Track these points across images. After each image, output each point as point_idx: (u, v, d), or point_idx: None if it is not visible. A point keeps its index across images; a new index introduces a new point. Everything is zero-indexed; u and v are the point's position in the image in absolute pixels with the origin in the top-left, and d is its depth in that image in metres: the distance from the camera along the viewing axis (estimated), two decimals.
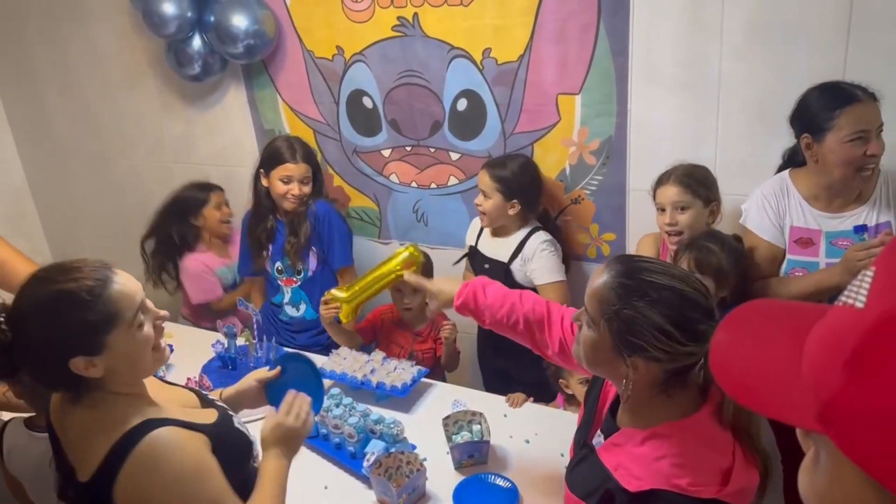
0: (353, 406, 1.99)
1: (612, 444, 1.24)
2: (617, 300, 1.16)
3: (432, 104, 2.67)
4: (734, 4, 2.09)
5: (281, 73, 2.93)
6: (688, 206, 2.07)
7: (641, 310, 1.13)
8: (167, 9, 2.74)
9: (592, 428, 1.37)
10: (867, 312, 0.46)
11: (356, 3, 2.63)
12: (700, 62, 2.19)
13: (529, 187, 2.41)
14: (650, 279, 1.15)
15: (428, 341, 2.51)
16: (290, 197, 2.50)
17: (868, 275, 0.48)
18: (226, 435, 1.33)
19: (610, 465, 1.19)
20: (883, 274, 0.48)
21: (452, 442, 1.85)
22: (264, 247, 2.63)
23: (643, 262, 1.20)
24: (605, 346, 1.19)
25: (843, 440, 0.45)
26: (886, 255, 0.49)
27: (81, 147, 3.63)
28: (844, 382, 0.45)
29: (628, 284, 1.16)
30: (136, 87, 3.31)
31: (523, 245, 2.42)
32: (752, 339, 0.58)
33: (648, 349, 1.13)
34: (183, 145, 3.32)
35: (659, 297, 1.13)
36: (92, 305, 1.16)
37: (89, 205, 3.75)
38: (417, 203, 2.90)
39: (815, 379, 0.48)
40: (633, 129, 2.37)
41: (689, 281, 1.17)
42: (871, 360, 0.44)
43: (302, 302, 2.68)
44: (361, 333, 2.53)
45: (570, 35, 2.34)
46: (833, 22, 1.99)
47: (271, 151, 2.55)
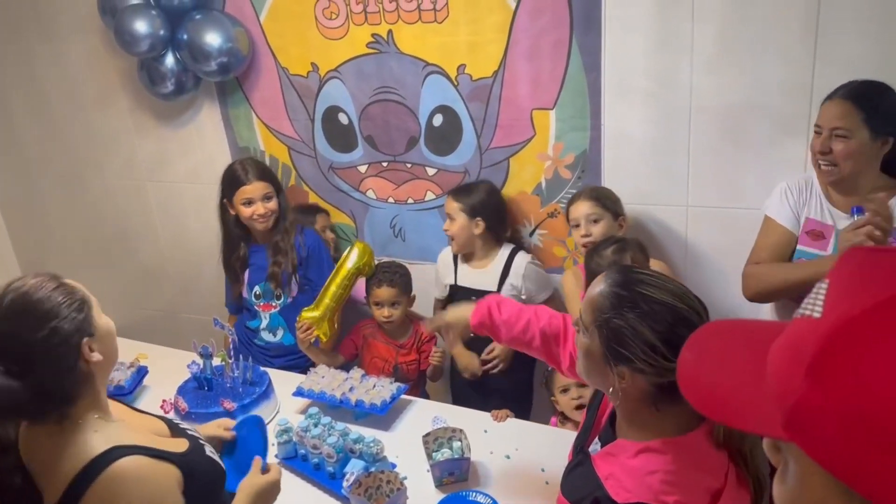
0: (331, 425, 1.97)
1: (607, 453, 1.24)
2: (609, 309, 1.17)
3: (408, 120, 2.68)
4: (703, 19, 2.13)
5: (255, 90, 2.92)
6: (599, 217, 2.24)
7: (631, 321, 1.15)
8: (139, 27, 2.72)
9: (591, 434, 1.38)
10: (824, 320, 0.48)
11: (330, 21, 2.64)
12: (671, 76, 2.22)
13: (492, 207, 2.48)
14: (644, 292, 1.16)
15: (412, 353, 2.51)
16: (258, 217, 2.47)
17: (823, 286, 0.50)
18: (197, 464, 1.31)
19: (602, 474, 1.20)
20: (836, 284, 0.50)
21: (433, 460, 1.84)
22: (240, 275, 2.60)
23: (642, 274, 1.21)
24: (596, 354, 1.20)
25: (810, 445, 0.47)
26: (839, 267, 0.51)
27: (52, 167, 3.58)
28: (807, 389, 0.46)
29: (622, 295, 1.17)
30: (108, 106, 3.27)
31: (509, 268, 2.45)
32: (716, 357, 0.60)
33: (634, 360, 1.14)
34: (156, 164, 3.28)
35: (650, 311, 1.14)
36: (64, 289, 1.15)
37: (61, 225, 3.69)
38: (395, 218, 2.90)
39: (780, 388, 0.49)
40: (607, 143, 2.40)
41: (684, 299, 1.17)
42: (830, 366, 0.45)
43: (280, 328, 2.64)
44: (342, 352, 2.52)
45: (543, 51, 2.36)
46: (800, 34, 2.03)
47: (227, 178, 2.53)
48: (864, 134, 1.78)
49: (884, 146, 1.81)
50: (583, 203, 2.27)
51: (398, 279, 2.49)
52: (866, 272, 0.49)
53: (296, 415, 2.17)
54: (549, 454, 1.89)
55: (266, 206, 2.48)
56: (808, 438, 0.47)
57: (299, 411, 2.20)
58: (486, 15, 2.39)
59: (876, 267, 0.49)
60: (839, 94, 1.83)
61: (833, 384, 0.45)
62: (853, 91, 1.81)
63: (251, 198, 2.46)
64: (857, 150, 1.79)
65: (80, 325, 1.16)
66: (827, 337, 0.46)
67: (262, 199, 2.46)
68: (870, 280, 0.48)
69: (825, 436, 0.45)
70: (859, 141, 1.79)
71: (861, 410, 0.43)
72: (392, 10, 2.51)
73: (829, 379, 0.45)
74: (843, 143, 1.80)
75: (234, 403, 2.10)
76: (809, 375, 0.46)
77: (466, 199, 2.45)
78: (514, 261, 2.46)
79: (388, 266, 2.57)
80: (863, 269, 0.50)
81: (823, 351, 0.46)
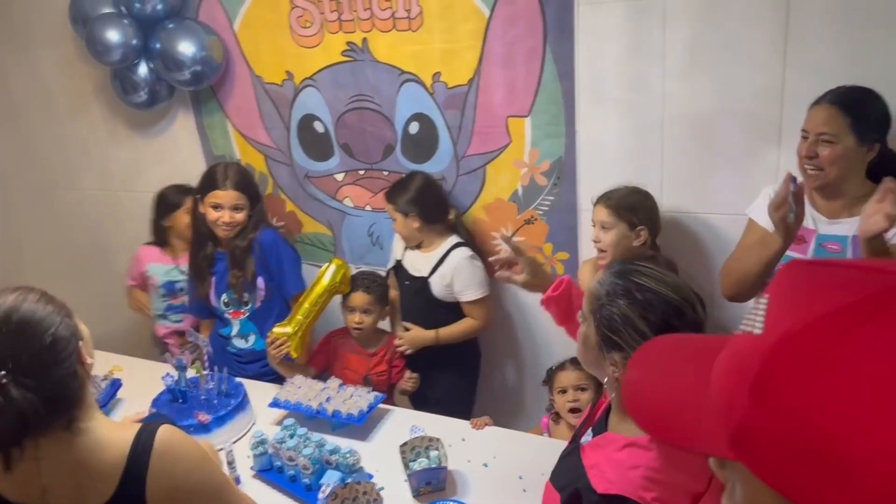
0: (307, 436, 1.95)
1: (595, 444, 1.25)
2: (604, 296, 1.20)
3: (384, 128, 2.68)
4: (674, 27, 2.14)
5: (230, 98, 2.90)
6: (611, 227, 2.16)
7: (623, 308, 1.17)
8: (111, 36, 2.70)
9: (586, 425, 1.39)
10: (764, 337, 0.47)
11: (304, 29, 2.63)
12: (643, 83, 2.24)
13: (424, 200, 2.49)
14: (638, 281, 1.18)
15: (382, 363, 2.49)
16: (221, 224, 2.42)
17: (762, 302, 0.50)
18: None
19: (587, 463, 1.21)
20: (776, 299, 0.50)
21: (410, 469, 1.83)
22: (206, 275, 2.57)
23: (640, 266, 1.23)
24: (591, 341, 1.23)
25: (756, 464, 0.46)
26: (778, 281, 0.51)
27: (25, 177, 3.53)
28: (751, 407, 0.46)
29: (617, 283, 1.20)
30: (81, 116, 3.24)
31: (443, 260, 2.49)
32: (660, 376, 0.59)
33: (625, 348, 1.16)
34: (131, 173, 3.25)
35: (644, 300, 1.16)
36: (46, 298, 1.15)
37: (34, 236, 3.64)
38: (372, 226, 2.89)
39: (724, 407, 0.49)
40: (582, 149, 2.41)
41: (679, 290, 1.18)
42: (773, 383, 0.45)
43: (251, 333, 2.61)
44: (313, 364, 2.50)
45: (517, 59, 2.37)
46: (769, 42, 2.06)
47: (205, 177, 2.49)
48: (850, 139, 1.79)
49: (869, 152, 1.82)
50: (600, 208, 2.19)
51: (375, 287, 2.48)
52: (806, 287, 0.49)
53: (272, 426, 2.15)
54: (527, 462, 1.88)
55: (233, 215, 2.43)
56: (753, 457, 0.46)
57: (275, 422, 2.18)
58: (461, 23, 2.40)
59: (815, 281, 0.49)
60: (826, 99, 1.83)
61: (776, 402, 0.45)
62: (840, 96, 1.81)
63: (220, 203, 2.42)
64: (842, 155, 1.80)
65: (72, 329, 1.16)
66: (769, 355, 0.46)
67: (230, 207, 2.42)
68: (810, 295, 0.47)
69: (770, 454, 0.45)
70: (845, 146, 1.80)
71: (805, 428, 0.43)
72: (367, 17, 2.51)
73: (773, 397, 0.45)
74: (828, 148, 1.80)
75: (209, 416, 2.07)
76: (753, 394, 0.46)
77: (398, 199, 2.48)
78: (452, 254, 2.49)
79: (368, 274, 2.57)
80: (802, 283, 0.49)
81: (766, 369, 0.45)
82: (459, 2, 2.37)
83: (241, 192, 2.45)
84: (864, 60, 1.95)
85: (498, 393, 2.91)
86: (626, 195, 2.19)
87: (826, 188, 1.89)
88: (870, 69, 1.93)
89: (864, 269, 0.47)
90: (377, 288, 2.50)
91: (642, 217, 2.17)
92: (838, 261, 0.50)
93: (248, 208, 2.47)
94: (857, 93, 1.82)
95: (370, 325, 2.46)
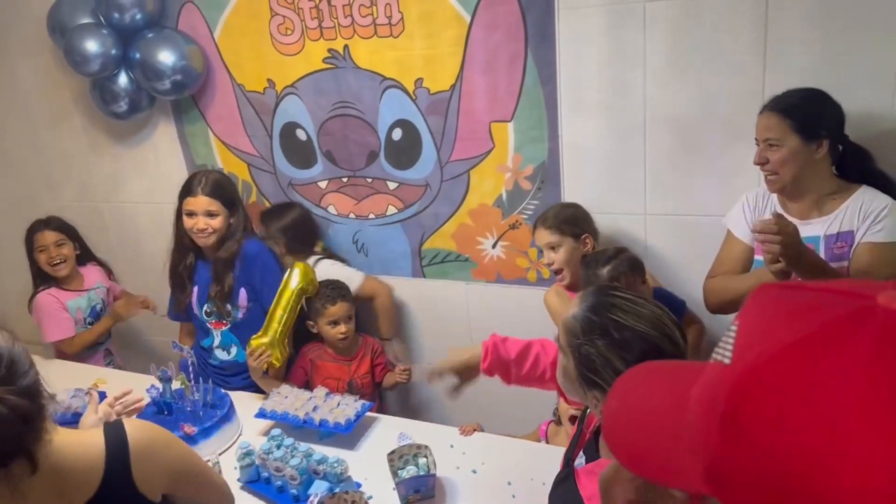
0: (294, 447, 1.94)
1: (590, 471, 1.23)
2: (581, 334, 1.16)
3: (367, 135, 2.67)
4: (654, 32, 2.16)
5: (211, 107, 2.89)
6: (558, 244, 2.23)
7: (601, 349, 1.13)
8: (90, 46, 2.67)
9: (577, 447, 1.37)
10: (732, 368, 0.46)
11: (285, 36, 2.62)
12: (625, 88, 2.25)
13: (292, 234, 2.71)
14: (615, 318, 1.14)
15: (363, 365, 2.50)
16: (197, 231, 2.38)
17: (732, 330, 0.49)
18: None
19: (584, 494, 1.19)
20: (744, 327, 0.49)
21: (398, 478, 1.82)
22: (186, 285, 2.54)
23: (617, 297, 1.18)
24: (572, 376, 1.19)
25: (731, 499, 0.45)
26: (746, 309, 0.50)
27: (4, 188, 3.49)
28: (722, 441, 0.45)
29: (593, 320, 1.15)
30: (60, 126, 3.21)
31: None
32: (638, 406, 0.57)
33: (606, 388, 1.12)
34: (112, 184, 3.22)
35: (621, 339, 1.12)
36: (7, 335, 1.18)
37: (13, 249, 3.58)
38: (357, 234, 2.88)
39: (698, 440, 0.47)
40: (565, 154, 2.41)
41: (658, 325, 1.14)
42: (740, 417, 0.44)
43: (233, 345, 2.57)
44: (293, 380, 2.48)
45: (499, 64, 2.38)
46: (749, 45, 2.07)
47: (184, 184, 2.46)
48: (794, 140, 1.83)
49: (819, 149, 1.85)
50: (541, 231, 2.27)
51: (348, 293, 2.50)
52: (773, 313, 0.48)
53: (259, 437, 2.14)
54: (516, 468, 1.89)
55: (207, 221, 2.37)
56: (727, 493, 0.45)
57: (262, 433, 2.16)
58: (442, 29, 2.40)
59: (782, 307, 0.48)
60: (768, 106, 1.89)
61: (745, 437, 0.43)
62: (779, 102, 1.87)
63: (193, 210, 2.38)
64: (789, 156, 1.84)
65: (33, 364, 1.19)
66: (735, 387, 0.44)
67: (203, 213, 2.37)
68: (776, 322, 0.46)
69: (743, 491, 0.44)
70: (790, 148, 1.84)
71: (774, 463, 0.42)
72: (347, 24, 2.51)
73: (741, 431, 0.44)
74: (776, 151, 1.85)
75: (194, 427, 2.05)
76: (723, 427, 0.45)
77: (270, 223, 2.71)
78: (318, 266, 2.62)
79: (331, 283, 2.53)
80: (770, 309, 0.49)
81: (732, 402, 0.44)
82: (440, 8, 2.37)
83: (214, 198, 2.38)
84: (843, 63, 1.98)
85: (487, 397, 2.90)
86: (559, 211, 2.29)
87: (787, 190, 1.93)
88: (849, 71, 1.96)
89: (832, 291, 0.46)
90: (349, 292, 2.53)
91: (583, 226, 2.26)
92: (806, 283, 0.49)
93: (223, 215, 2.40)
94: (796, 95, 1.86)
95: (352, 331, 2.47)
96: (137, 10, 2.68)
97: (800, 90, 1.86)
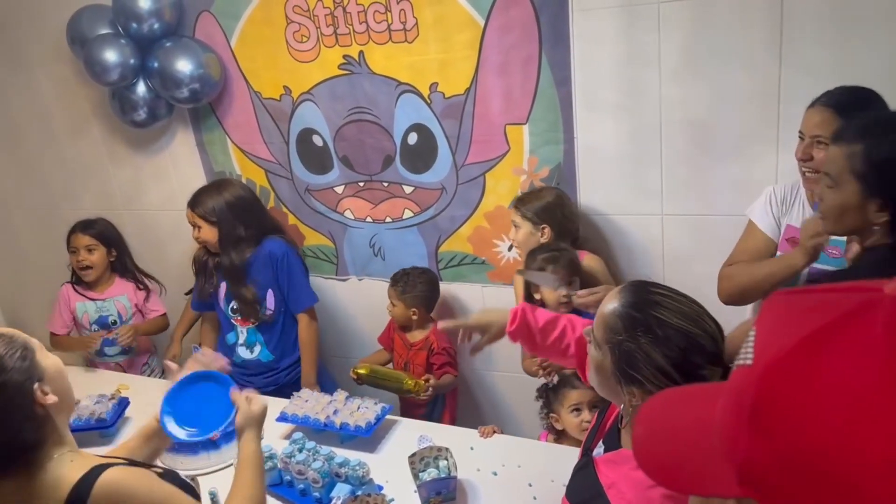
0: (316, 450, 1.96)
1: (610, 460, 1.24)
2: (623, 330, 1.15)
3: (383, 139, 2.69)
4: (668, 31, 2.16)
5: (229, 115, 2.92)
6: (519, 225, 2.36)
7: (644, 346, 1.13)
8: (109, 56, 2.71)
9: (597, 437, 1.37)
10: (755, 367, 0.48)
11: (301, 44, 2.65)
12: (640, 88, 2.25)
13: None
14: (658, 315, 1.14)
15: (420, 355, 2.61)
16: (196, 238, 2.51)
17: (752, 334, 0.51)
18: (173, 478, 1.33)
19: (604, 482, 1.20)
20: (762, 329, 0.51)
21: (419, 480, 1.83)
22: (213, 275, 2.60)
23: (657, 294, 1.18)
24: (607, 372, 1.19)
25: (766, 498, 0.46)
26: (763, 313, 0.52)
27: (25, 199, 3.55)
28: (752, 439, 0.46)
29: (636, 317, 1.15)
30: (80, 136, 3.25)
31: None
32: (667, 427, 0.59)
33: (645, 384, 1.13)
34: (132, 192, 3.26)
35: (664, 336, 1.12)
36: (2, 340, 1.17)
37: (36, 257, 3.65)
38: (374, 238, 2.90)
39: (728, 444, 0.49)
40: (581, 155, 2.42)
41: (699, 322, 1.14)
42: (767, 410, 0.46)
43: (257, 343, 2.62)
44: (382, 342, 2.79)
45: (513, 67, 2.38)
46: (764, 43, 2.07)
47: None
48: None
49: None
50: (511, 209, 2.41)
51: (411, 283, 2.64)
52: (787, 314, 0.50)
53: (281, 440, 2.15)
54: (536, 469, 1.89)
55: (201, 234, 2.52)
56: (762, 491, 0.46)
57: (284, 437, 2.18)
58: (456, 33, 2.41)
59: (795, 307, 0.50)
60: (822, 101, 1.78)
61: (774, 429, 0.45)
62: (835, 98, 1.76)
63: (192, 221, 2.51)
64: None
65: (27, 372, 1.16)
66: (759, 383, 0.46)
67: (195, 224, 2.50)
68: (791, 321, 0.48)
69: (777, 484, 0.45)
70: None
71: (804, 450, 0.44)
72: (362, 31, 2.53)
73: (770, 424, 0.45)
74: (822, 150, 1.75)
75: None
76: (751, 425, 0.46)
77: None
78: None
79: (410, 271, 2.70)
80: (783, 311, 0.51)
81: (759, 398, 0.46)
82: (454, 12, 2.39)
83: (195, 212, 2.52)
84: (859, 60, 1.97)
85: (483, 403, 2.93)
86: (530, 196, 2.40)
87: None
88: (865, 68, 1.94)
89: (841, 290, 0.48)
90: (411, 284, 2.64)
91: (545, 217, 2.33)
92: (815, 287, 0.51)
93: (216, 226, 2.51)
94: (854, 94, 1.77)
95: (401, 315, 2.63)
96: (155, 19, 2.72)
97: (854, 89, 1.76)
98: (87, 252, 2.89)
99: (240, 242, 2.50)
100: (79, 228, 2.91)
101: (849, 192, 1.47)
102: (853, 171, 1.45)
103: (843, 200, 1.50)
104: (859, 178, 1.45)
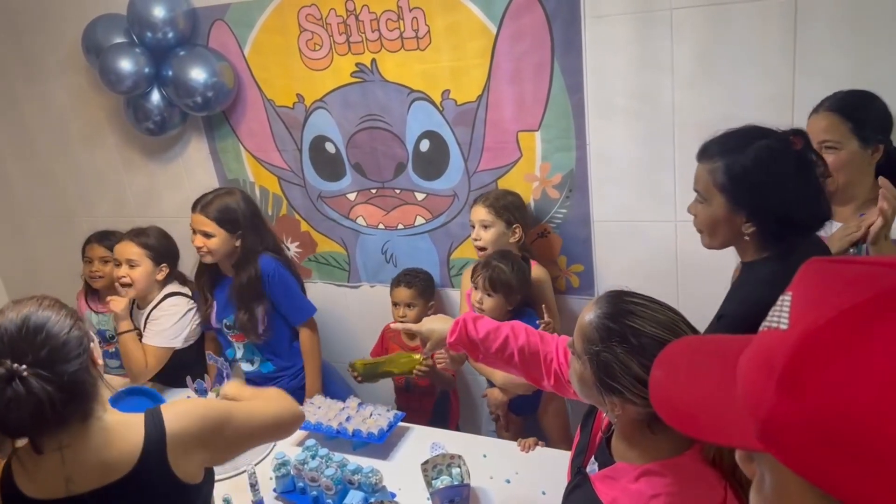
0: (329, 457, 1.96)
1: (606, 476, 1.23)
2: (599, 341, 1.16)
3: (395, 146, 2.70)
4: (681, 38, 2.15)
5: (242, 122, 2.93)
6: (490, 225, 2.35)
7: (620, 356, 1.14)
8: (124, 65, 2.74)
9: (587, 454, 1.37)
10: (791, 332, 0.50)
11: (314, 52, 2.66)
12: (653, 94, 2.25)
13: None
14: (633, 325, 1.14)
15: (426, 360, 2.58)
16: (196, 248, 2.44)
17: (787, 298, 0.53)
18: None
19: (605, 499, 1.19)
20: (799, 295, 0.52)
21: (432, 487, 1.83)
22: (208, 297, 2.58)
23: (632, 303, 1.19)
24: (588, 382, 1.20)
25: (785, 454, 0.48)
26: (800, 279, 0.54)
27: (41, 207, 3.58)
28: (778, 400, 0.48)
29: (611, 327, 1.16)
30: (95, 144, 3.28)
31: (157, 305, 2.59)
32: (686, 373, 0.62)
33: (625, 393, 1.14)
34: (146, 199, 3.29)
35: (639, 345, 1.13)
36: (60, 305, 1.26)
37: (52, 265, 3.68)
38: (386, 244, 2.91)
39: (751, 400, 0.51)
40: (593, 161, 2.41)
41: (675, 330, 1.15)
42: (800, 376, 0.47)
43: (256, 357, 2.59)
44: (373, 354, 2.71)
45: (525, 74, 2.39)
46: (778, 49, 2.06)
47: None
48: (853, 144, 1.78)
49: (875, 154, 1.80)
50: (479, 208, 2.39)
51: (417, 282, 2.61)
52: (827, 283, 0.51)
53: (293, 447, 2.15)
54: (549, 476, 1.88)
55: (205, 241, 2.40)
56: (782, 448, 0.48)
57: (296, 443, 2.18)
58: (468, 41, 2.42)
59: (835, 277, 0.51)
60: (824, 106, 1.82)
61: (804, 394, 0.47)
62: (838, 102, 1.80)
63: (193, 226, 2.43)
64: (847, 160, 1.79)
65: (83, 332, 1.26)
66: (795, 348, 0.48)
67: (201, 232, 2.40)
68: (831, 290, 0.49)
69: (799, 444, 0.47)
70: (849, 151, 1.78)
71: (832, 418, 0.45)
72: (375, 39, 2.54)
73: (800, 389, 0.47)
74: (833, 154, 1.77)
75: None
76: (780, 386, 0.48)
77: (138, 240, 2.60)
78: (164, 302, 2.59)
79: (411, 270, 2.70)
80: (823, 279, 0.52)
81: (793, 362, 0.48)
82: (466, 20, 2.39)
83: (209, 218, 2.39)
84: (873, 65, 1.96)
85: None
86: (502, 195, 2.43)
87: (836, 194, 1.87)
88: (879, 73, 1.93)
89: (881, 264, 0.49)
90: (419, 283, 2.62)
91: (517, 215, 2.38)
92: (855, 258, 0.53)
93: (221, 236, 2.40)
94: (855, 96, 1.81)
95: (413, 320, 2.51)
96: (169, 28, 2.74)
97: (854, 92, 1.80)
98: (101, 263, 2.87)
99: (250, 257, 2.44)
100: (96, 240, 2.90)
101: (716, 205, 1.54)
102: (717, 186, 1.52)
103: (712, 214, 1.56)
104: (723, 192, 1.51)
